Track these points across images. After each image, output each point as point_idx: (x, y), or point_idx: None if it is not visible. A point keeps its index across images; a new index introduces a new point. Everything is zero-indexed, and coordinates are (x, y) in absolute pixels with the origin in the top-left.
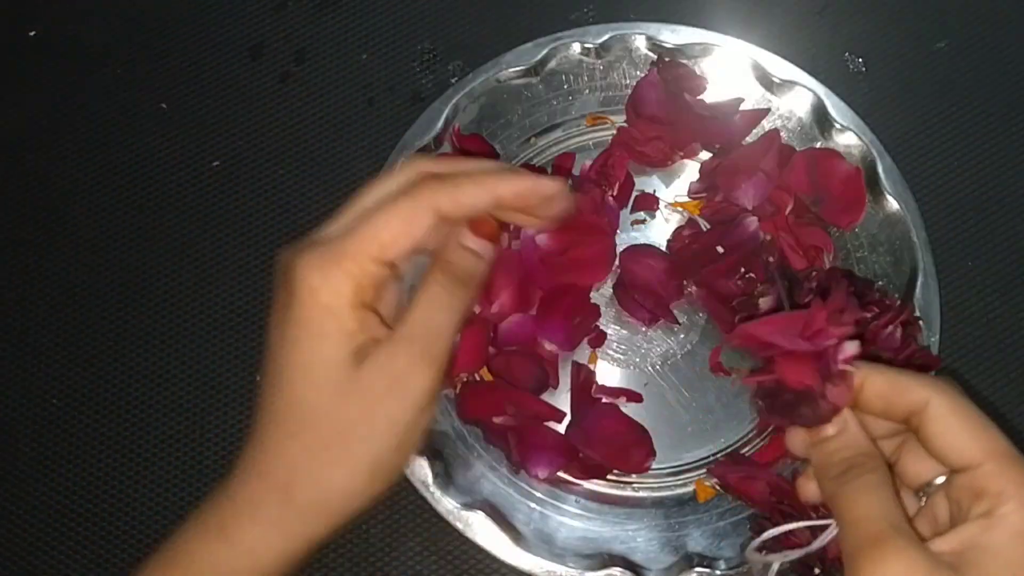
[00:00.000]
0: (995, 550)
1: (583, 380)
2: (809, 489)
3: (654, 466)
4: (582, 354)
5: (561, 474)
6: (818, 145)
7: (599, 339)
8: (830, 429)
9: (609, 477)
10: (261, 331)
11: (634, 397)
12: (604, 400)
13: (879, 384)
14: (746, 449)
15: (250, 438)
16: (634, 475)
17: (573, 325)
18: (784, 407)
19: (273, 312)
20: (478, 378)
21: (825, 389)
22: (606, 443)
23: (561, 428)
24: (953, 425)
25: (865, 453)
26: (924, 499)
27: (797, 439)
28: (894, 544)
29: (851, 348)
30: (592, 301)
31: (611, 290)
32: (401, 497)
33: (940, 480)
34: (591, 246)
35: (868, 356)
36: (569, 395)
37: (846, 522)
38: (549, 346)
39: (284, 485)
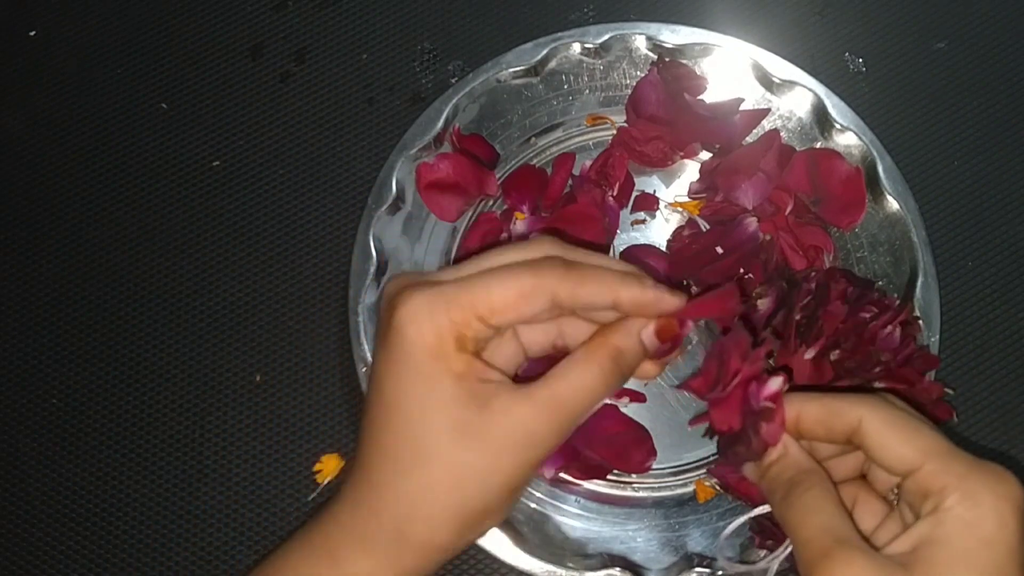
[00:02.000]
0: (944, 541)
1: None
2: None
3: (654, 466)
4: None
5: (562, 474)
6: (818, 145)
7: None
8: (773, 454)
9: (609, 477)
10: (261, 331)
11: (637, 397)
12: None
13: (814, 412)
14: None
15: (358, 469)
16: (634, 475)
17: None
18: (725, 445)
19: (378, 345)
20: None
21: (758, 428)
22: (607, 443)
23: None
24: (888, 436)
25: (805, 471)
26: (896, 502)
27: (747, 472)
28: (840, 556)
29: (774, 385)
30: None
31: None
32: None
33: None
34: (585, 233)
35: (867, 356)
36: None
37: (797, 542)
38: None
39: (397, 524)
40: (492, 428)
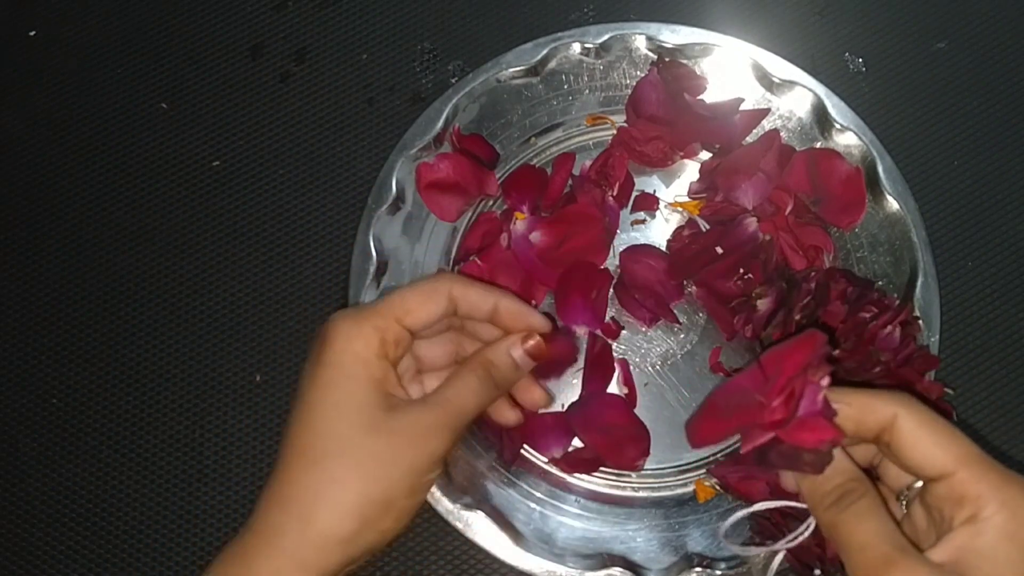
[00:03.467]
0: (987, 553)
1: (599, 351)
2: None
3: (654, 466)
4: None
5: (558, 472)
6: (818, 145)
7: (615, 331)
8: None
9: (609, 477)
10: (261, 331)
11: (630, 385)
12: (611, 391)
13: (846, 408)
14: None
15: (273, 472)
16: (634, 475)
17: (593, 301)
18: (782, 458)
19: (307, 363)
20: None
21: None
22: (604, 432)
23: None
24: (923, 437)
25: (855, 478)
26: (905, 504)
27: (791, 477)
28: (904, 564)
29: (825, 385)
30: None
31: (611, 290)
32: None
33: (919, 484)
34: (585, 233)
35: (866, 357)
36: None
37: (852, 548)
38: (579, 329)
39: (303, 513)
40: (395, 425)
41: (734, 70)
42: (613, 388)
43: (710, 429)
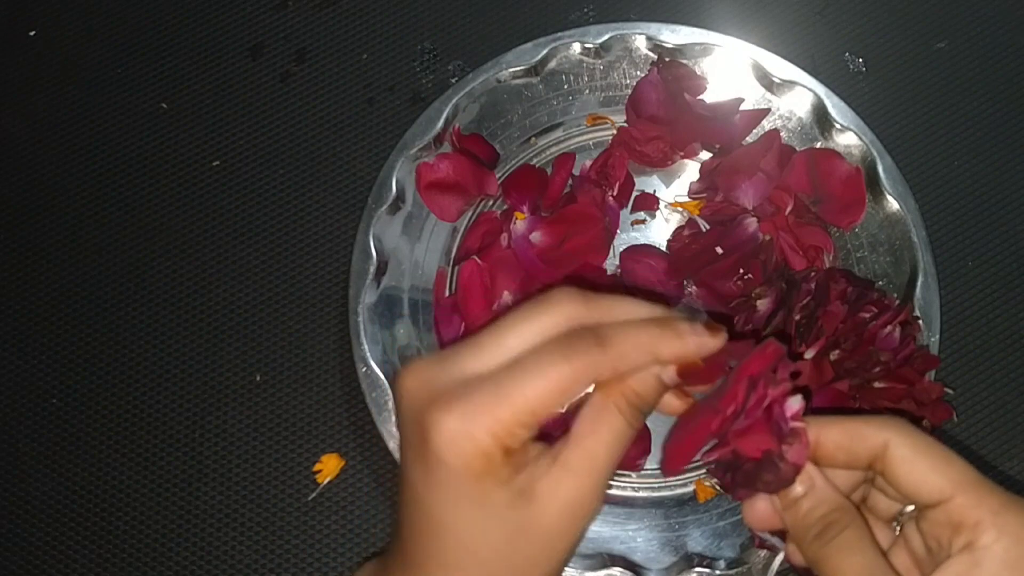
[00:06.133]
0: None
1: None
2: (797, 556)
3: (654, 466)
4: None
5: None
6: (818, 145)
7: None
8: (798, 488)
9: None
10: (261, 331)
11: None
12: None
13: (835, 435)
14: None
15: (405, 564)
16: (634, 475)
17: None
18: (746, 477)
19: (410, 453)
20: None
21: (782, 452)
22: None
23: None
24: (918, 462)
25: (839, 508)
26: (898, 529)
27: (756, 512)
28: None
29: (795, 404)
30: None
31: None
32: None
33: (910, 508)
34: (585, 233)
35: (865, 357)
36: None
37: None
38: None
39: None
40: (544, 519)
41: (734, 70)
42: None
43: (676, 450)
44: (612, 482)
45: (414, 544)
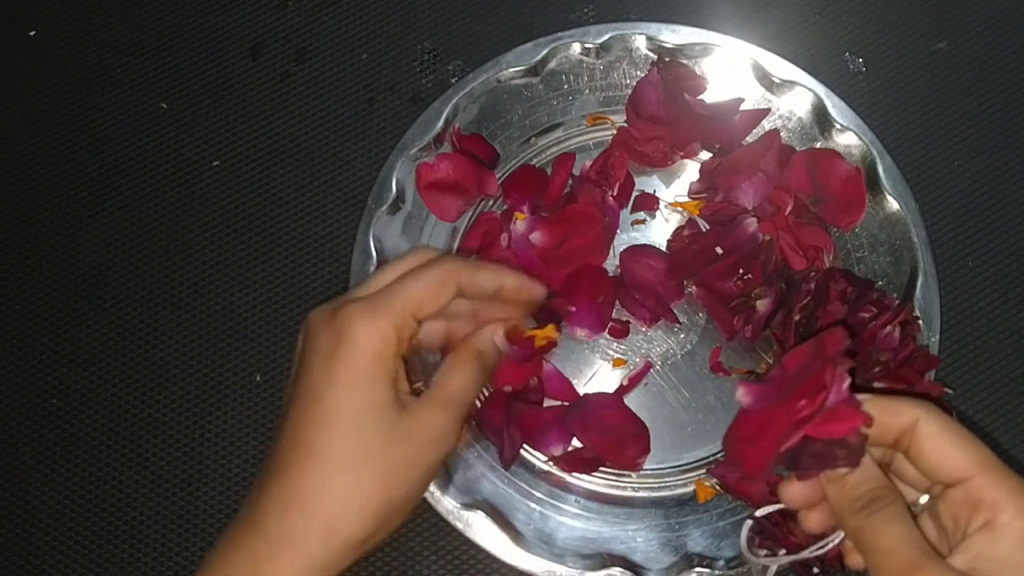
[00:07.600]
0: (1006, 560)
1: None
2: (812, 520)
3: (654, 466)
4: (593, 361)
5: (557, 471)
6: (818, 145)
7: (622, 332)
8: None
9: (609, 477)
10: (261, 331)
11: (636, 381)
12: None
13: (870, 410)
14: None
15: (279, 471)
16: (634, 475)
17: (599, 305)
18: (815, 459)
19: (316, 356)
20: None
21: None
22: (603, 432)
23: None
24: (944, 441)
25: (884, 485)
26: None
27: (795, 491)
28: (930, 569)
29: (847, 378)
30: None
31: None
32: None
33: (924, 500)
34: (585, 233)
35: (865, 357)
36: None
37: (879, 552)
38: (581, 332)
39: (328, 522)
40: (415, 428)
41: (734, 70)
42: (614, 378)
43: (756, 454)
44: (612, 482)
45: (299, 443)
